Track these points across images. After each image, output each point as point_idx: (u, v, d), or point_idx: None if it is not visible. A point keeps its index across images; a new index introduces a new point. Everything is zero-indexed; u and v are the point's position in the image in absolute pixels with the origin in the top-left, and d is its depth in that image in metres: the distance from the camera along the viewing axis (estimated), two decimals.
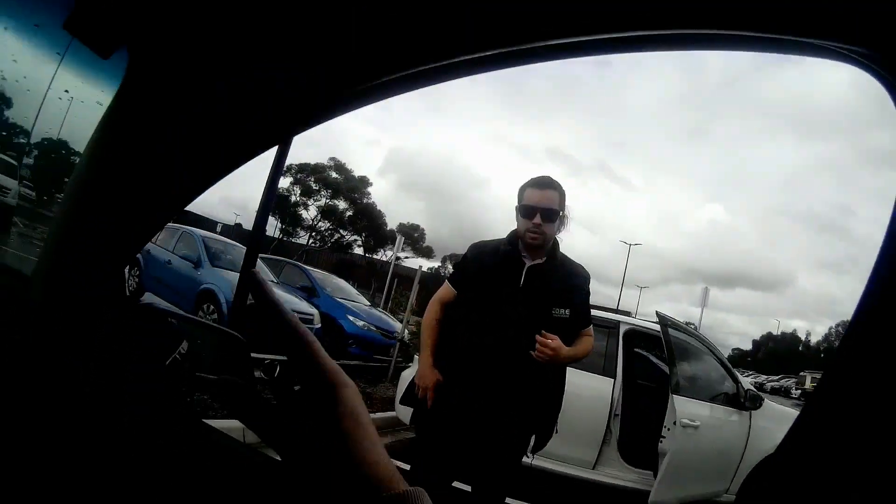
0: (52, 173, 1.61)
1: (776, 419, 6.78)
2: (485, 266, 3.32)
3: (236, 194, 53.51)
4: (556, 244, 3.36)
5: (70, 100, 1.48)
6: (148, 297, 13.24)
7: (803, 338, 71.63)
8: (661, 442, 6.16)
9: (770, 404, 7.02)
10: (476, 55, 1.20)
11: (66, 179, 1.37)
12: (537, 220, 3.21)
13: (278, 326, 0.74)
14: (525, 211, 3.27)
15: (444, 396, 3.26)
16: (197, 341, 1.60)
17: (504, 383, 3.17)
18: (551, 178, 3.31)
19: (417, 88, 1.31)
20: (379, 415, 8.61)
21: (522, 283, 3.26)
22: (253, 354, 1.52)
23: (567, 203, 3.37)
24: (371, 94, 1.32)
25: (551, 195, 3.27)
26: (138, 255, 13.18)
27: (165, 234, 13.96)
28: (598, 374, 6.93)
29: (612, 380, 6.87)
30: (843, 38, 1.03)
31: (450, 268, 41.89)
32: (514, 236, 3.36)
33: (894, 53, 1.01)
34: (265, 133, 1.40)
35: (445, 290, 3.48)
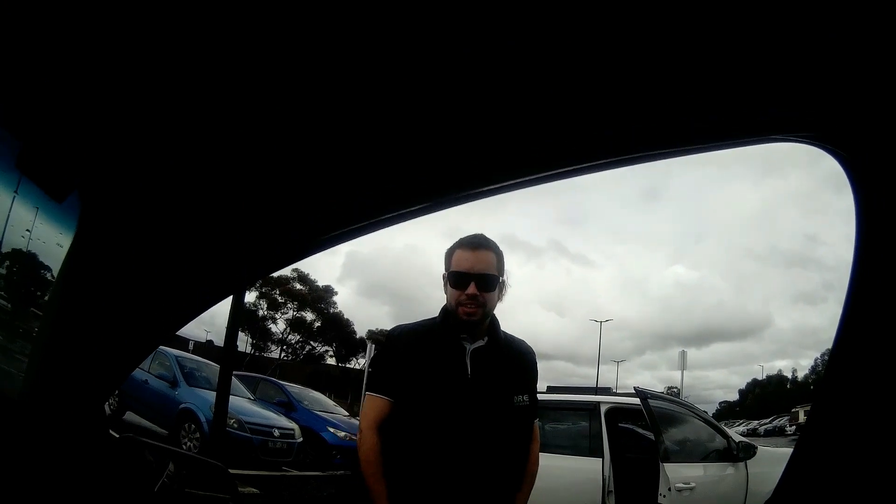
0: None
1: (772, 461, 6.76)
2: (421, 358, 2.61)
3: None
4: (494, 319, 2.71)
5: (29, 240, 1.46)
6: (130, 418, 13.33)
7: (789, 376, 71.69)
8: None
9: (764, 449, 7.03)
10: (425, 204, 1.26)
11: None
12: (472, 289, 2.55)
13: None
14: (456, 279, 2.59)
15: None
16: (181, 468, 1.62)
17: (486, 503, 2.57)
18: (485, 237, 2.68)
19: (373, 231, 1.35)
20: None
21: (470, 372, 2.59)
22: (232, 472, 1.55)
23: (505, 267, 2.72)
24: (328, 242, 1.36)
25: (487, 257, 2.62)
26: None
27: None
28: (586, 455, 6.88)
29: (601, 459, 6.79)
30: (790, 131, 1.12)
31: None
32: (446, 313, 2.69)
33: (838, 131, 1.09)
34: (221, 285, 1.44)
35: (375, 406, 2.63)
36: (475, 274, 2.57)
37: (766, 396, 67.46)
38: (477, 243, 2.63)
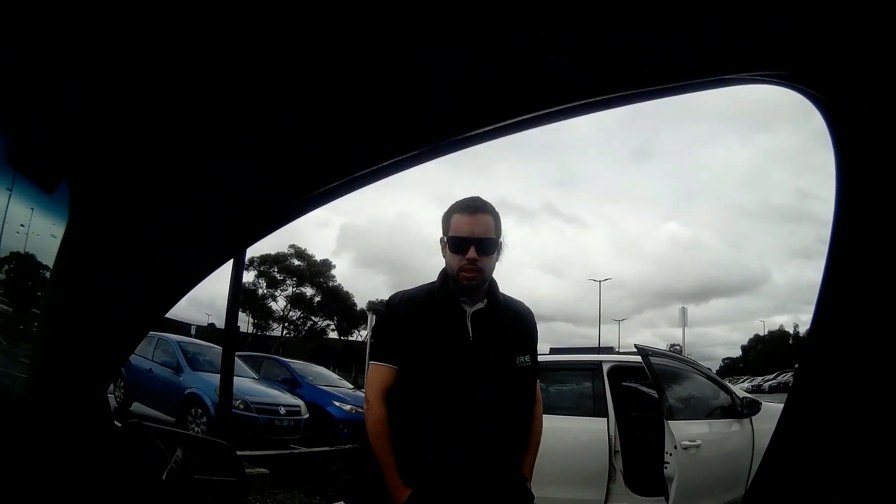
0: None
1: (777, 417, 6.69)
2: (423, 323, 2.58)
3: (202, 294, 53.31)
4: (493, 281, 2.70)
5: (26, 234, 1.45)
6: (136, 408, 13.44)
7: (791, 331, 71.82)
8: (666, 468, 6.13)
9: (768, 405, 7.04)
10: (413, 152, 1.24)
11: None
12: (472, 253, 2.51)
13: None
14: (455, 244, 2.55)
15: None
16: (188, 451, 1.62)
17: (497, 467, 2.55)
18: (482, 199, 2.63)
19: (370, 183, 1.32)
20: None
21: (472, 335, 2.58)
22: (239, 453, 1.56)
23: (502, 227, 2.66)
24: (319, 198, 1.33)
25: (486, 220, 2.58)
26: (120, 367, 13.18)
27: (142, 343, 13.77)
28: (590, 416, 6.88)
29: (605, 419, 6.80)
30: (762, 67, 1.08)
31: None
32: (445, 277, 2.67)
33: (813, 70, 1.05)
34: (220, 249, 1.42)
35: (381, 374, 2.59)
36: (475, 238, 2.53)
37: (768, 352, 67.77)
38: (475, 206, 2.59)
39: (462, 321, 2.60)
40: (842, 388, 1.01)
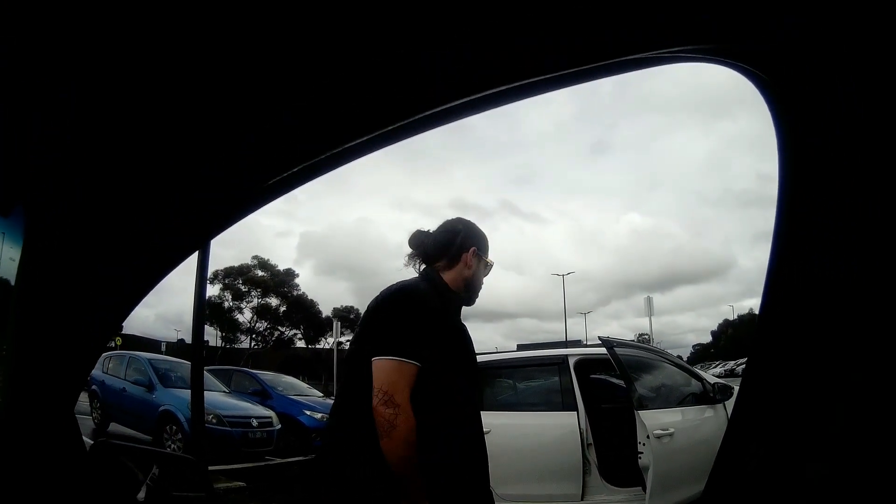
0: None
1: None
2: (442, 322, 2.48)
3: (169, 310, 53.11)
4: None
5: None
6: (114, 428, 13.68)
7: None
8: (640, 458, 6.15)
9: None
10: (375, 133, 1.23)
11: None
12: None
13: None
14: (488, 271, 2.76)
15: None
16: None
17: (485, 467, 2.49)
18: None
19: (325, 172, 1.33)
20: None
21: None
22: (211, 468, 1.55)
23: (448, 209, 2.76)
24: (278, 187, 1.34)
25: None
26: (94, 388, 14.10)
27: (114, 363, 14.44)
28: (559, 410, 6.90)
29: (575, 412, 6.80)
30: (697, 42, 1.06)
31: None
32: (441, 283, 2.63)
33: (746, 46, 1.04)
34: (184, 241, 1.44)
35: (409, 373, 2.28)
36: None
37: (739, 336, 68.58)
38: None
39: (454, 325, 2.63)
40: (791, 377, 1.00)
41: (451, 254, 2.65)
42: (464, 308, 2.76)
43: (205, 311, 11.26)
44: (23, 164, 1.24)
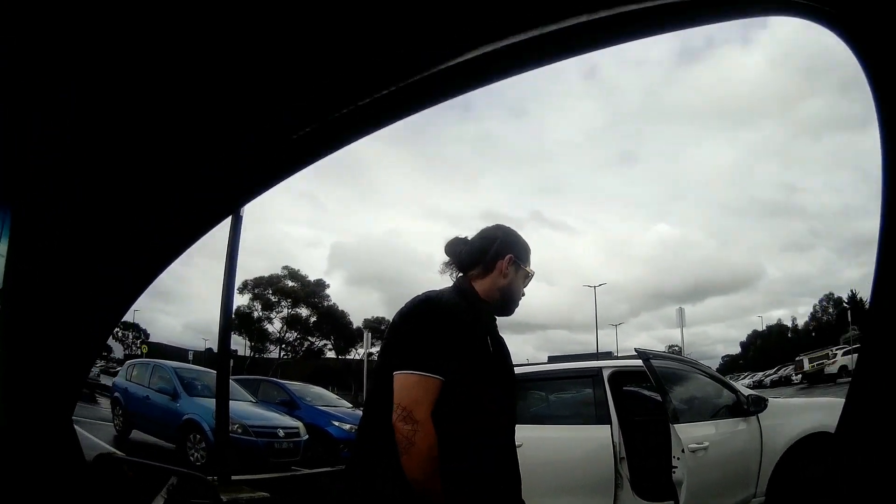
0: None
1: (785, 413, 6.83)
2: (472, 333, 2.41)
3: (198, 318, 53.68)
4: None
5: None
6: (136, 436, 13.87)
7: (790, 324, 71.94)
8: (674, 472, 6.05)
9: (775, 401, 7.01)
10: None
11: None
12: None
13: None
14: (528, 281, 2.67)
15: None
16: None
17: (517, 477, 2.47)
18: None
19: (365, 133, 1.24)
20: None
21: (491, 347, 2.51)
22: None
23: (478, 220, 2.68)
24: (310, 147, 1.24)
25: None
26: (117, 395, 14.41)
27: (138, 370, 14.66)
28: (593, 423, 6.78)
29: (609, 425, 6.68)
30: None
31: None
32: (471, 292, 2.54)
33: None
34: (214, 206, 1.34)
35: (432, 388, 2.23)
36: None
37: (767, 347, 67.86)
38: None
39: (486, 336, 2.52)
40: None
41: (486, 262, 2.55)
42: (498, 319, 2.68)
43: (231, 320, 11.37)
44: (16, 161, 1.21)
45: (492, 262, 2.55)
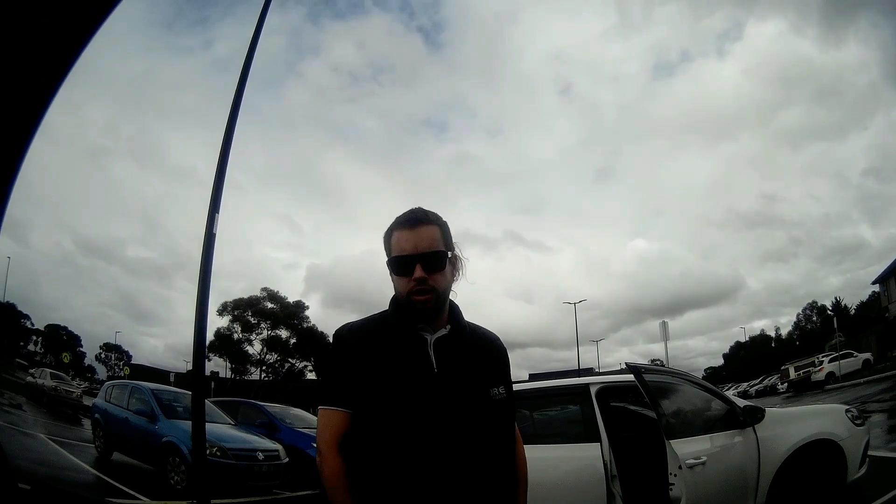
0: None
1: (781, 422, 6.74)
2: (378, 357, 2.23)
3: (179, 341, 53.33)
4: (454, 304, 2.40)
5: None
6: (117, 458, 13.83)
7: (773, 334, 72.06)
8: (671, 489, 5.95)
9: (771, 411, 6.89)
10: None
11: None
12: (419, 272, 2.23)
13: None
14: (399, 264, 2.28)
15: None
16: None
17: None
18: (423, 210, 2.37)
19: None
20: None
21: (436, 365, 2.24)
22: None
23: (455, 240, 2.40)
24: None
25: (430, 232, 2.31)
26: (97, 416, 14.52)
27: (117, 392, 14.52)
28: (582, 442, 6.61)
29: (598, 443, 6.49)
30: None
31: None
32: (397, 304, 2.35)
33: None
34: None
35: (332, 421, 2.23)
36: (419, 254, 2.26)
37: (751, 358, 68.01)
38: (416, 219, 2.32)
39: (424, 350, 2.26)
40: None
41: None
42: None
43: (205, 341, 11.06)
44: None
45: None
